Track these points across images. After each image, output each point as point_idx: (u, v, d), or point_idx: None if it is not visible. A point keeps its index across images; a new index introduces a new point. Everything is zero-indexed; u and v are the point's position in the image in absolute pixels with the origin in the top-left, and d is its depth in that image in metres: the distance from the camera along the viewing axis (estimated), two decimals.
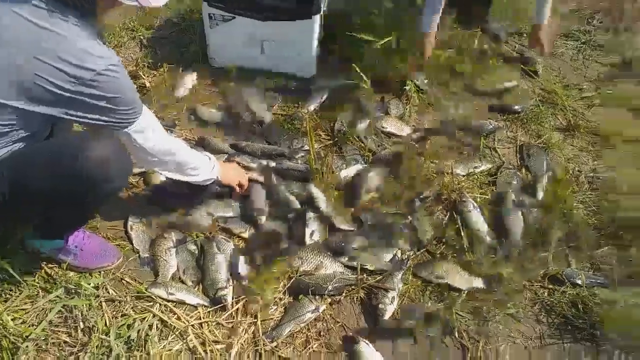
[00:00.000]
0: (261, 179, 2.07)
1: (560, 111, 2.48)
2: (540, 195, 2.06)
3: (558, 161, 2.24)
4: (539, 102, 2.52)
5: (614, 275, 1.80)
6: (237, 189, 1.97)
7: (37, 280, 1.66)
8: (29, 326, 1.55)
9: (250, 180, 2.03)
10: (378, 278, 1.81)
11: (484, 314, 1.73)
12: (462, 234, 1.90)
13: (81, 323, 1.58)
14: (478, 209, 2.00)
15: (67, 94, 1.25)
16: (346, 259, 1.87)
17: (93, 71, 1.25)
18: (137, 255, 1.83)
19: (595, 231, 1.95)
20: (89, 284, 1.65)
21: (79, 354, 1.52)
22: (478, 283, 1.79)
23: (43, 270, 1.68)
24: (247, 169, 2.10)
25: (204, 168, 1.78)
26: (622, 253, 1.87)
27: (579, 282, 1.79)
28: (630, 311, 1.68)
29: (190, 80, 2.50)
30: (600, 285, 1.79)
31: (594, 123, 2.43)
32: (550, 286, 1.81)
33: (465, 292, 1.77)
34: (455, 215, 1.97)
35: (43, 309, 1.60)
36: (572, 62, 2.77)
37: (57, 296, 1.62)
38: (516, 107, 2.48)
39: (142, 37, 2.73)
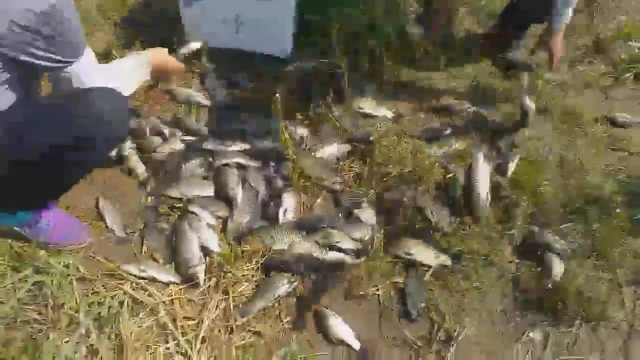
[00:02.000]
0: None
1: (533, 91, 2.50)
2: (510, 173, 2.09)
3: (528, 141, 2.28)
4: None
5: (576, 249, 1.85)
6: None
7: (5, 259, 1.65)
8: None
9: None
10: None
11: (451, 288, 1.77)
12: (430, 211, 1.93)
13: (51, 301, 1.59)
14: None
15: (18, 30, 1.23)
16: (319, 237, 1.90)
17: (44, 5, 1.23)
18: (113, 234, 1.83)
19: (562, 207, 1.99)
20: (59, 263, 1.66)
21: (48, 331, 1.53)
22: (445, 259, 1.83)
23: (12, 249, 1.68)
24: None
25: (138, 70, 1.71)
26: (586, 228, 1.92)
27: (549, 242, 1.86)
28: (590, 283, 1.73)
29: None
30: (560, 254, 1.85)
31: (565, 103, 2.46)
32: (517, 260, 1.86)
33: (433, 268, 1.81)
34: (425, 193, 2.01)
35: (12, 288, 1.60)
36: None
37: (27, 275, 1.62)
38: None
39: (116, 19, 2.69)
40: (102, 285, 1.66)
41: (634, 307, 1.75)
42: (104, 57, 2.29)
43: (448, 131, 2.32)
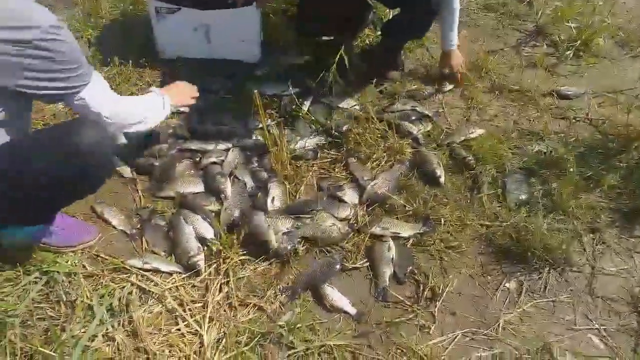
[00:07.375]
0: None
1: (486, 74, 2.73)
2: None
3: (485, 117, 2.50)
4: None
5: (539, 206, 2.06)
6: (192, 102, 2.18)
7: (13, 266, 1.73)
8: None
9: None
10: None
11: (432, 252, 1.94)
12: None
13: (64, 297, 1.68)
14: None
15: (13, 59, 1.27)
16: (308, 219, 2.03)
17: (35, 30, 1.27)
18: (121, 232, 1.94)
19: (522, 171, 2.21)
20: (66, 262, 1.75)
21: (64, 324, 1.62)
22: (419, 228, 2.00)
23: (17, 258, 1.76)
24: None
25: (156, 107, 1.89)
26: (545, 187, 2.13)
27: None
28: (552, 234, 1.94)
29: None
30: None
31: (515, 82, 2.70)
32: (487, 223, 2.05)
33: (412, 237, 1.98)
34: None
35: (24, 289, 1.69)
36: (492, 30, 3.04)
37: (37, 277, 1.71)
38: None
39: (89, 37, 2.79)
40: (110, 280, 1.75)
41: (593, 251, 1.96)
42: None
43: (414, 117, 2.52)
